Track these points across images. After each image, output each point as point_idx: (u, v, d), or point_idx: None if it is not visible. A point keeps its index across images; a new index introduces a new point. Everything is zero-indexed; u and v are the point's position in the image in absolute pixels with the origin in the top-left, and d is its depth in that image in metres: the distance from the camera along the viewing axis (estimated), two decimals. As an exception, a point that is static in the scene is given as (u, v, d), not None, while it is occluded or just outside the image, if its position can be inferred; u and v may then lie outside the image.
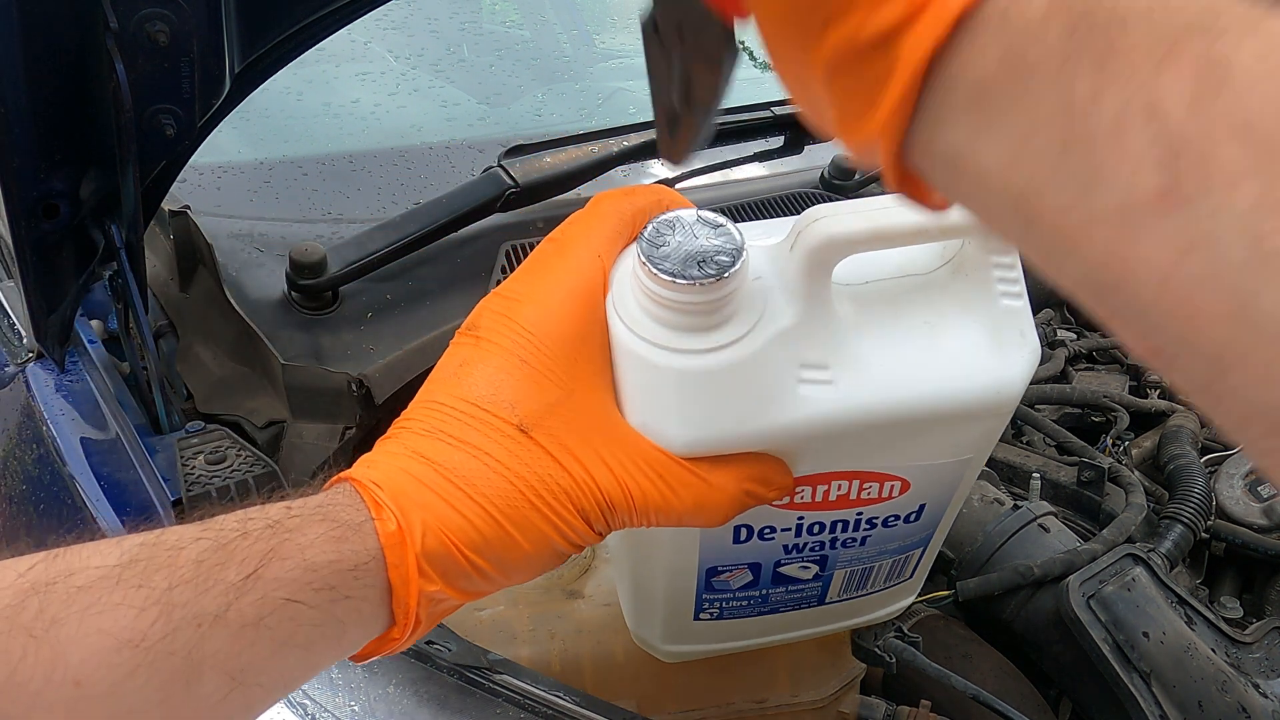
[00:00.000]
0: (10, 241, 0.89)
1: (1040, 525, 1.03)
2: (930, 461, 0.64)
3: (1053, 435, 1.27)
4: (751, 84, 1.81)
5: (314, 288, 1.09)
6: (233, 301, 1.04)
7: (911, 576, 0.78)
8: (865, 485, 0.64)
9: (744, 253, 0.53)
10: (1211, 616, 0.94)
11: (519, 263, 1.19)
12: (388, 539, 0.48)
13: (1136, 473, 1.19)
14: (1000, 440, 1.27)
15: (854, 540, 0.68)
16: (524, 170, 1.20)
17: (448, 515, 0.49)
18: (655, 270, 0.51)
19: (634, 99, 1.58)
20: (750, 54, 1.87)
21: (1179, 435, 1.24)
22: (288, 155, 1.31)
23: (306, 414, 0.99)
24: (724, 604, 0.73)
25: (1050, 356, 1.49)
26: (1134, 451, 1.28)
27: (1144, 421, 1.34)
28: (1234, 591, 1.15)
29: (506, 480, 0.51)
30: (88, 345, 1.07)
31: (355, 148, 1.35)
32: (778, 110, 1.36)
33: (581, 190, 1.28)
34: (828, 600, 0.75)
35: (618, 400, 0.55)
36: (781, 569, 0.70)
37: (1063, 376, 1.46)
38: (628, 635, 0.86)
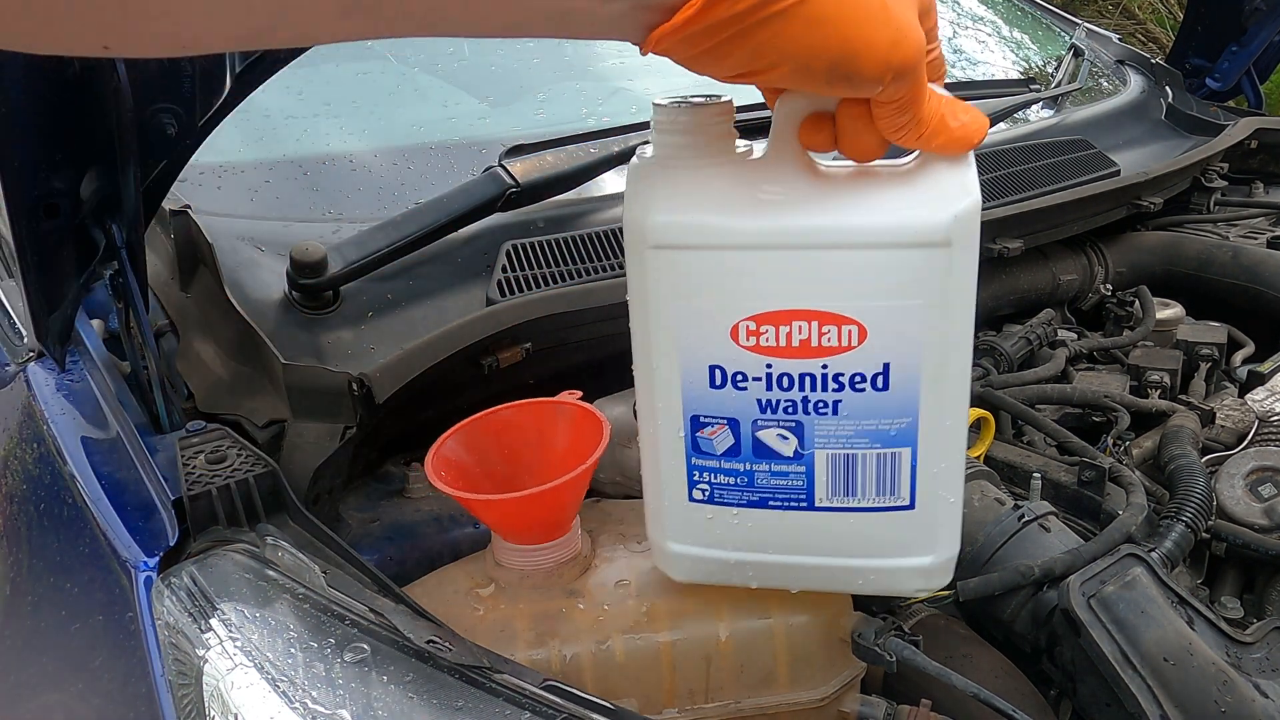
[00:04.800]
0: (11, 241, 0.89)
1: (1041, 525, 1.03)
2: (878, 302, 0.72)
3: (1053, 435, 1.27)
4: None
5: (314, 287, 1.09)
6: (233, 301, 1.04)
7: (911, 504, 0.79)
8: (824, 329, 0.72)
9: (726, 98, 0.73)
10: (1212, 616, 0.94)
11: (520, 262, 1.20)
12: None
13: (1137, 473, 1.18)
14: (1000, 440, 1.27)
15: (825, 405, 0.75)
16: (524, 170, 1.20)
17: None
18: (660, 104, 0.73)
19: (634, 99, 1.58)
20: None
21: (1179, 435, 1.24)
22: (288, 155, 1.31)
23: (307, 413, 0.99)
24: (713, 479, 0.80)
25: (1050, 356, 1.49)
26: (1134, 451, 1.28)
27: (1144, 421, 1.34)
28: (1235, 591, 1.15)
29: None
30: (88, 345, 1.07)
31: (355, 148, 1.34)
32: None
33: (582, 190, 1.28)
34: (817, 503, 0.79)
35: None
36: (760, 434, 0.77)
37: (1063, 376, 1.46)
38: (628, 635, 0.86)
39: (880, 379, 0.74)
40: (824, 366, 0.74)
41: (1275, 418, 1.31)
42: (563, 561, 0.90)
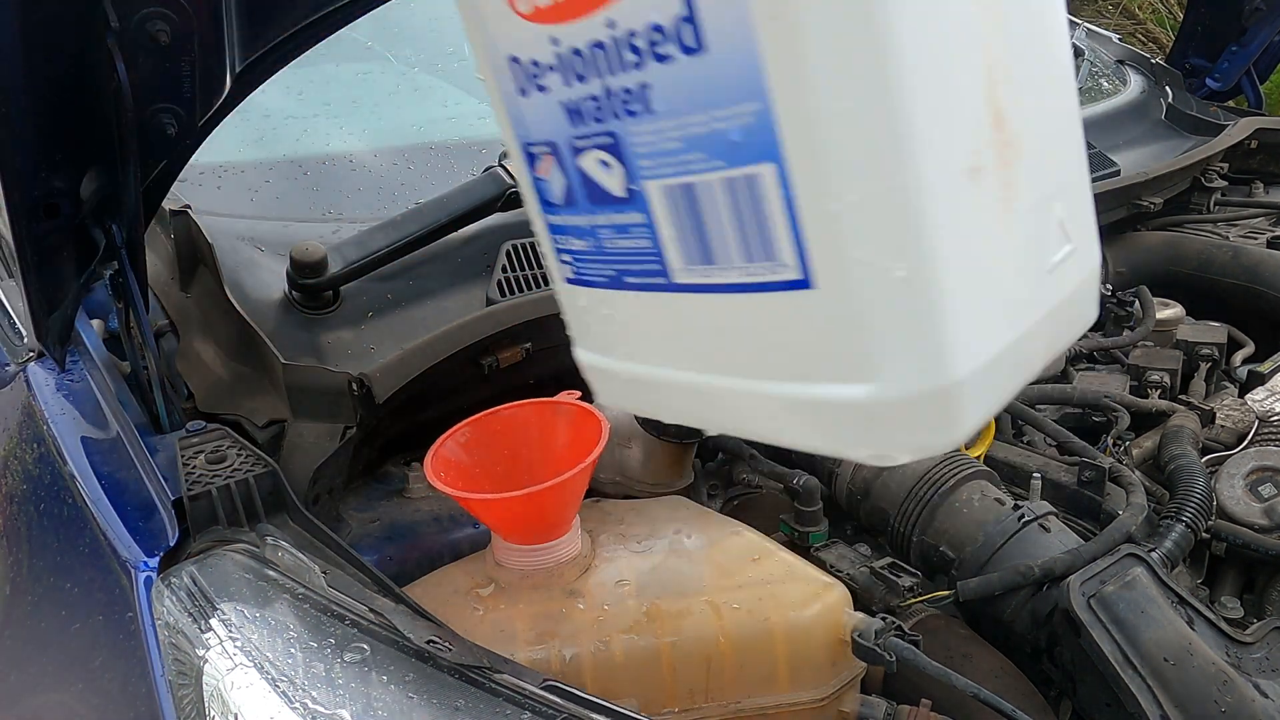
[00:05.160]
0: (11, 241, 0.89)
1: (1041, 525, 1.03)
2: None
3: (1053, 435, 1.27)
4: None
5: (314, 287, 1.09)
6: (233, 301, 1.04)
7: (804, 277, 0.47)
8: None
9: None
10: (1212, 616, 0.94)
11: (520, 262, 1.20)
12: None
13: (1137, 473, 1.18)
14: (1001, 440, 1.27)
15: (631, 95, 0.49)
16: (524, 170, 1.19)
17: None
18: None
19: (634, 99, 1.58)
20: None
21: (1179, 435, 1.24)
22: (288, 155, 1.31)
23: (307, 413, 0.99)
24: (571, 246, 0.58)
25: (1051, 356, 1.49)
26: (1134, 451, 1.28)
27: (1144, 421, 1.34)
28: (1235, 591, 1.15)
29: None
30: (88, 345, 1.07)
31: (355, 148, 1.34)
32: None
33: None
34: (674, 278, 0.53)
35: None
36: (581, 162, 0.54)
37: (1063, 376, 1.46)
38: (628, 635, 0.86)
39: (688, 30, 0.44)
40: (610, 25, 0.47)
41: (1275, 418, 1.30)
42: (563, 561, 0.90)
